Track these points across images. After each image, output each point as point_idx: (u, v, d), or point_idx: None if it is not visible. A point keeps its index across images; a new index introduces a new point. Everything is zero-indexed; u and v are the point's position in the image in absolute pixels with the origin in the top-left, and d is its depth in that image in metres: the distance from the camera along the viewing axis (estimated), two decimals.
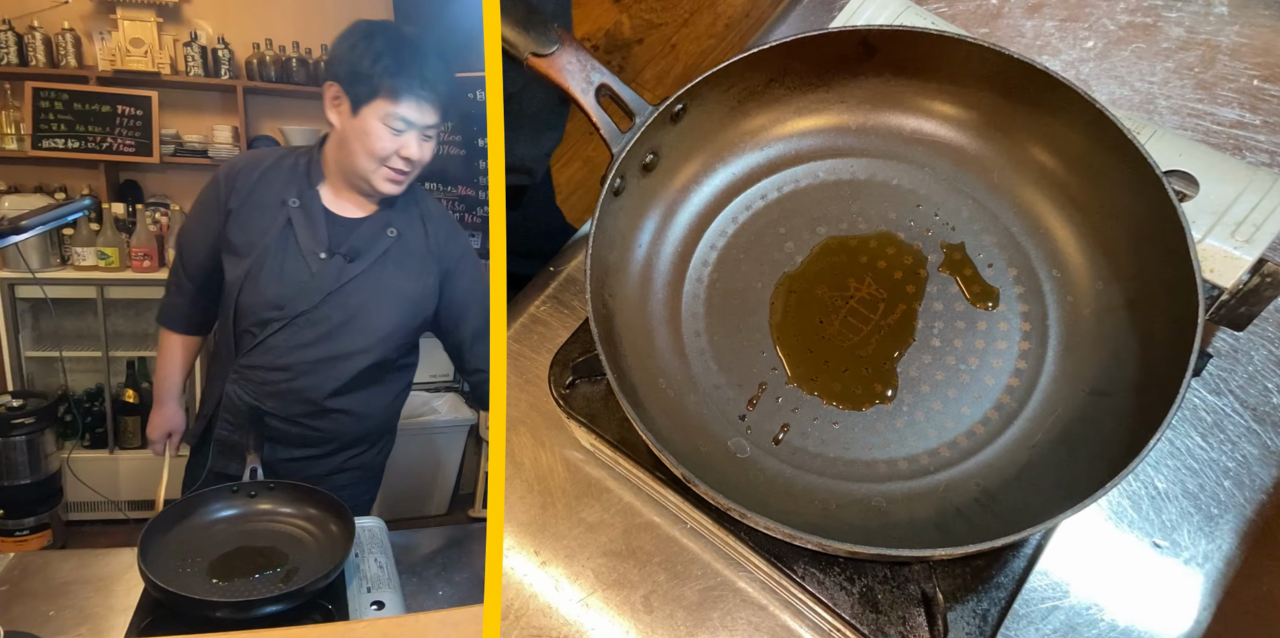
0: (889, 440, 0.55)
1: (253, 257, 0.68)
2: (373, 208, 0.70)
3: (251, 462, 0.68)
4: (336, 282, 0.69)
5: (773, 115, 0.62)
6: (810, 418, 0.56)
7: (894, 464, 0.55)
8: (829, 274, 0.59)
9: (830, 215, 0.61)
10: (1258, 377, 0.64)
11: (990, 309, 0.57)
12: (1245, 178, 0.58)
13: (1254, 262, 0.56)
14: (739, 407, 0.57)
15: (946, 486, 0.54)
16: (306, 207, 0.69)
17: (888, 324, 0.57)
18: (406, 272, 0.72)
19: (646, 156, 0.57)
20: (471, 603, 0.58)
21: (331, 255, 0.68)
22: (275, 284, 0.69)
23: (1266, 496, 0.60)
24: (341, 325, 0.71)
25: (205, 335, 0.75)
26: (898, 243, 0.59)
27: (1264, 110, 0.72)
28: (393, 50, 0.66)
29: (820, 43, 0.57)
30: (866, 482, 0.54)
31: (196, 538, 0.65)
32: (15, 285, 0.96)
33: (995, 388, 0.56)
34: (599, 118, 0.55)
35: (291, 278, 0.69)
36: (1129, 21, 0.76)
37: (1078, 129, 0.55)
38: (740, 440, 0.56)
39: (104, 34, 0.94)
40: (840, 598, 0.51)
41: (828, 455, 0.55)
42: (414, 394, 1.22)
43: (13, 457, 0.85)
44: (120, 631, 0.58)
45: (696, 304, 0.59)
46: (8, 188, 0.91)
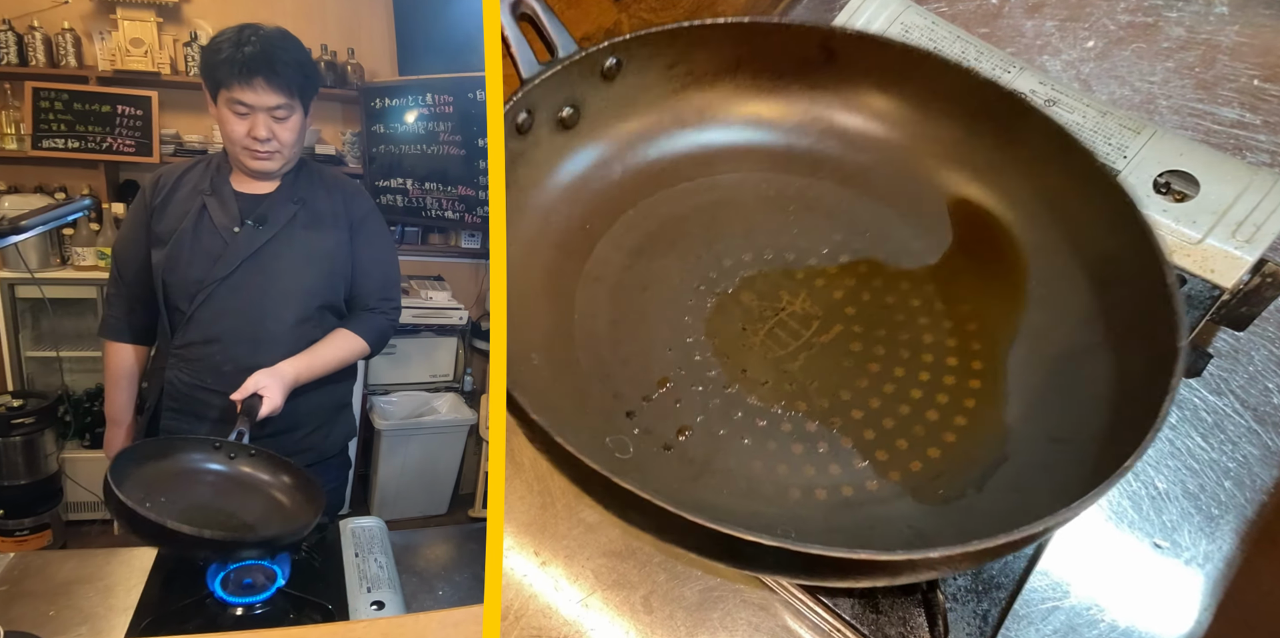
0: (808, 463, 0.51)
1: (172, 239, 0.74)
2: (276, 182, 0.77)
3: (240, 425, 0.69)
4: (250, 247, 0.75)
5: (717, 103, 0.57)
6: (716, 427, 0.51)
7: (810, 492, 0.50)
8: (760, 283, 0.55)
9: (769, 225, 0.57)
10: (1258, 377, 0.64)
11: (935, 343, 0.54)
12: (1246, 178, 0.58)
13: (1254, 262, 0.56)
14: (629, 402, 0.52)
15: (873, 524, 0.48)
16: (218, 190, 0.76)
17: (819, 343, 0.53)
18: (316, 231, 0.77)
19: (565, 109, 0.52)
20: (471, 603, 0.58)
21: (243, 225, 0.75)
22: (195, 258, 0.74)
23: (1267, 496, 0.60)
24: (261, 288, 0.75)
25: (151, 344, 0.78)
26: (842, 263, 0.56)
27: (1264, 110, 0.72)
28: (233, 43, 0.72)
29: (777, 35, 0.53)
30: (774, 506, 0.49)
31: (168, 479, 0.67)
32: (15, 285, 0.96)
33: (939, 424, 0.51)
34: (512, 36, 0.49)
35: (209, 250, 0.74)
36: (1129, 21, 0.76)
37: (1050, 160, 0.53)
38: (623, 439, 0.51)
39: (104, 34, 0.94)
40: (841, 599, 0.51)
41: (729, 469, 0.50)
42: (414, 394, 1.22)
43: (12, 457, 0.85)
44: (120, 631, 0.58)
45: (598, 287, 0.54)
46: (8, 188, 0.91)
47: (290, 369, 0.75)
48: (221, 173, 0.77)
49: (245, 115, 0.73)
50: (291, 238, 0.76)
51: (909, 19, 0.65)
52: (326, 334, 0.77)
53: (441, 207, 1.16)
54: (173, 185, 0.76)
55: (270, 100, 0.73)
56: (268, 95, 0.73)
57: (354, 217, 0.80)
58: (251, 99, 0.72)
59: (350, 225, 0.79)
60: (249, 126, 0.73)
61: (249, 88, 0.72)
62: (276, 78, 0.73)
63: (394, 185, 1.18)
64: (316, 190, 0.78)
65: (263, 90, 0.72)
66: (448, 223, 1.18)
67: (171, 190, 0.76)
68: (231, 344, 0.74)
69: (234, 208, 0.76)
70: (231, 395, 0.72)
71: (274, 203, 0.76)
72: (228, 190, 0.76)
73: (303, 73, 0.75)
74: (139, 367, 0.79)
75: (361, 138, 1.21)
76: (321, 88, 1.23)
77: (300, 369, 0.75)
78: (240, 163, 0.75)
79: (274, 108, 0.73)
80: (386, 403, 1.21)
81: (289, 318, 0.76)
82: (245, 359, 0.74)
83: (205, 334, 0.74)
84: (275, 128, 0.74)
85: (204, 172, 0.77)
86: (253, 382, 0.73)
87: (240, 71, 0.72)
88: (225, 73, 0.72)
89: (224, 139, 0.75)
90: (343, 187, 0.80)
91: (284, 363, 0.75)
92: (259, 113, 0.73)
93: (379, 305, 0.80)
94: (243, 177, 0.76)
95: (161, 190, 0.76)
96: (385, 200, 1.19)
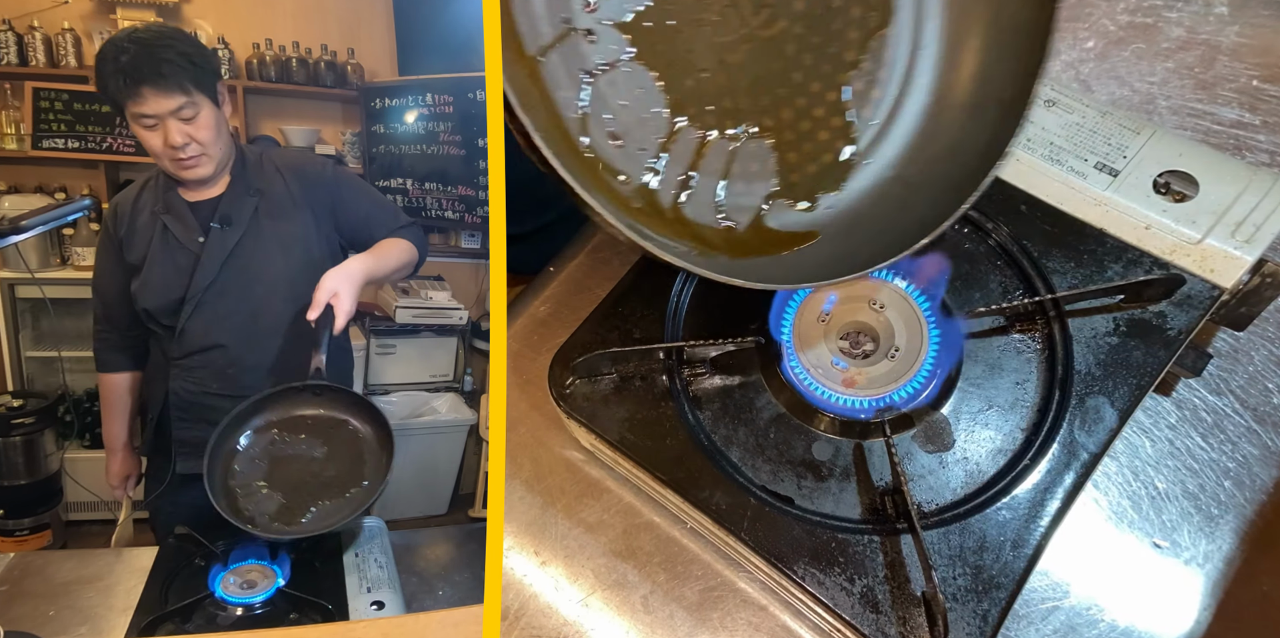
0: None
1: (145, 265, 0.73)
2: (225, 180, 0.74)
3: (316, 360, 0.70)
4: (224, 250, 0.73)
5: None
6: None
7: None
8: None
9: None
10: (1258, 377, 0.64)
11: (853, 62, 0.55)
12: (1245, 178, 0.58)
13: (1254, 262, 0.56)
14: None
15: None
16: (171, 206, 0.73)
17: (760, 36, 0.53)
18: (281, 220, 0.75)
19: None
20: (471, 603, 0.58)
21: (207, 232, 0.73)
22: (167, 276, 0.73)
23: (1267, 496, 0.60)
24: (247, 286, 0.73)
25: (145, 366, 0.78)
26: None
27: (1264, 110, 0.72)
28: (112, 57, 0.68)
29: None
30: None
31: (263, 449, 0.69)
32: (15, 285, 0.96)
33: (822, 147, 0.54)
34: None
35: (182, 266, 0.72)
36: (1129, 22, 0.77)
37: None
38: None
39: (104, 34, 0.93)
40: (840, 598, 0.51)
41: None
42: (414, 394, 1.23)
43: (12, 457, 0.85)
44: (120, 631, 0.58)
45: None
46: (8, 188, 0.91)
47: (360, 267, 0.73)
48: (170, 188, 0.74)
49: (154, 127, 0.69)
50: (259, 232, 0.74)
51: None
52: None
53: (441, 207, 1.16)
54: (131, 212, 0.74)
55: (167, 104, 0.69)
56: (161, 100, 0.69)
57: (319, 191, 0.77)
58: (148, 109, 0.69)
59: (316, 201, 0.76)
60: (162, 137, 0.70)
61: (140, 99, 0.68)
62: (162, 80, 0.68)
63: (394, 185, 1.18)
64: (270, 178, 0.76)
65: (153, 97, 0.68)
66: (448, 223, 1.18)
67: (132, 217, 0.74)
68: (232, 347, 0.73)
69: (191, 219, 0.73)
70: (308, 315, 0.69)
71: (231, 201, 0.74)
72: (180, 204, 0.74)
73: (191, 64, 0.70)
74: (135, 391, 0.78)
75: (361, 138, 1.21)
76: (322, 88, 1.23)
77: (370, 267, 0.73)
78: (174, 174, 0.72)
79: (176, 111, 0.69)
80: (386, 403, 1.21)
81: (285, 310, 0.74)
82: (248, 359, 0.73)
83: (203, 342, 0.73)
84: (187, 130, 0.70)
85: (154, 191, 0.74)
86: (324, 290, 0.70)
87: (125, 83, 0.68)
88: (114, 88, 0.68)
89: (151, 156, 0.72)
90: (295, 167, 0.77)
91: (353, 260, 0.73)
92: (165, 119, 0.69)
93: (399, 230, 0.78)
94: (190, 187, 0.73)
95: (123, 220, 0.74)
96: None
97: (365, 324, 1.07)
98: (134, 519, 0.81)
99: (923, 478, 0.55)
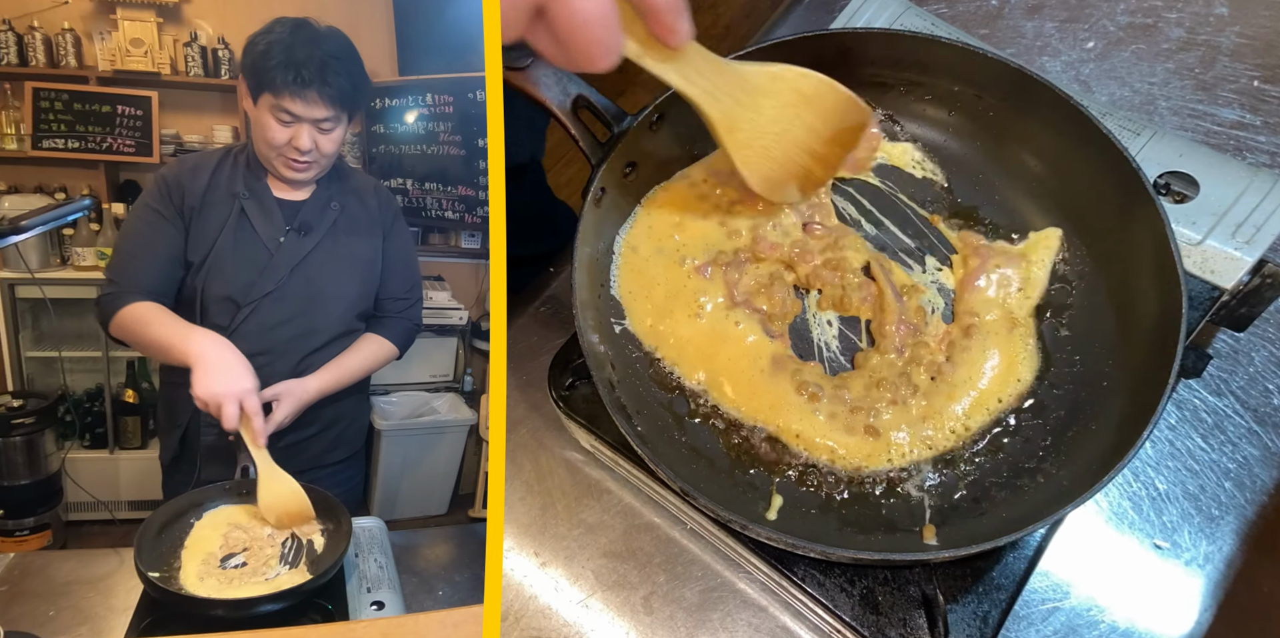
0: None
1: (212, 250, 0.70)
2: (311, 188, 0.74)
3: (243, 460, 0.67)
4: (296, 256, 0.72)
5: None
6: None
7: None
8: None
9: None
10: (1258, 378, 0.64)
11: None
12: (1246, 179, 0.58)
13: (1254, 263, 0.56)
14: None
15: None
16: (258, 196, 0.72)
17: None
18: (356, 237, 0.74)
19: (626, 169, 0.57)
20: (471, 603, 0.58)
21: (286, 234, 0.72)
22: (238, 271, 0.71)
23: (1267, 497, 0.60)
24: (308, 299, 0.72)
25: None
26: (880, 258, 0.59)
27: (1264, 111, 0.72)
28: (286, 45, 0.68)
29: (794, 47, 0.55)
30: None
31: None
32: (15, 285, 0.96)
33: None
34: (576, 130, 0.54)
35: (253, 262, 0.71)
36: (1129, 22, 0.76)
37: (1056, 127, 0.55)
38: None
39: (104, 34, 0.94)
40: (841, 600, 0.51)
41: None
42: (414, 394, 1.22)
43: (12, 457, 0.85)
44: (120, 631, 0.58)
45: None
46: (8, 188, 0.91)
47: (316, 386, 0.71)
48: (255, 174, 0.72)
49: (289, 124, 0.69)
50: (334, 245, 0.73)
51: (909, 20, 0.65)
52: (348, 338, 0.75)
53: (441, 207, 1.16)
54: (208, 186, 0.71)
55: (320, 113, 0.69)
56: (318, 108, 0.69)
57: (385, 219, 0.76)
58: (301, 110, 0.68)
59: (384, 229, 0.76)
60: (291, 136, 0.69)
61: (300, 99, 0.68)
62: (330, 90, 0.68)
63: (394, 185, 1.17)
64: (349, 195, 0.75)
65: (314, 103, 0.68)
66: (448, 223, 1.18)
67: (208, 191, 0.71)
68: (279, 357, 0.71)
69: (278, 216, 0.72)
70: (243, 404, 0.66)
71: (313, 209, 0.73)
72: (269, 196, 0.72)
73: (355, 84, 0.71)
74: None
75: (361, 138, 1.20)
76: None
77: (326, 385, 0.72)
78: (274, 169, 0.72)
79: (321, 120, 0.69)
80: (386, 403, 1.20)
81: (334, 328, 0.73)
82: (289, 374, 0.71)
83: (251, 349, 0.70)
84: (319, 139, 0.70)
85: (233, 171, 0.72)
86: (270, 391, 0.68)
87: (294, 80, 0.67)
88: (275, 78, 0.67)
89: (258, 142, 0.71)
90: (372, 188, 0.78)
91: (310, 378, 0.71)
92: (304, 123, 0.69)
93: (404, 307, 0.77)
94: (276, 180, 0.72)
95: (195, 193, 0.71)
96: None
97: None
98: (134, 520, 0.81)
99: None
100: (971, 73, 0.57)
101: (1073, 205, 0.57)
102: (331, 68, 0.69)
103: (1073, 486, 0.48)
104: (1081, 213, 0.57)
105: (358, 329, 0.76)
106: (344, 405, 0.77)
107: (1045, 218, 0.58)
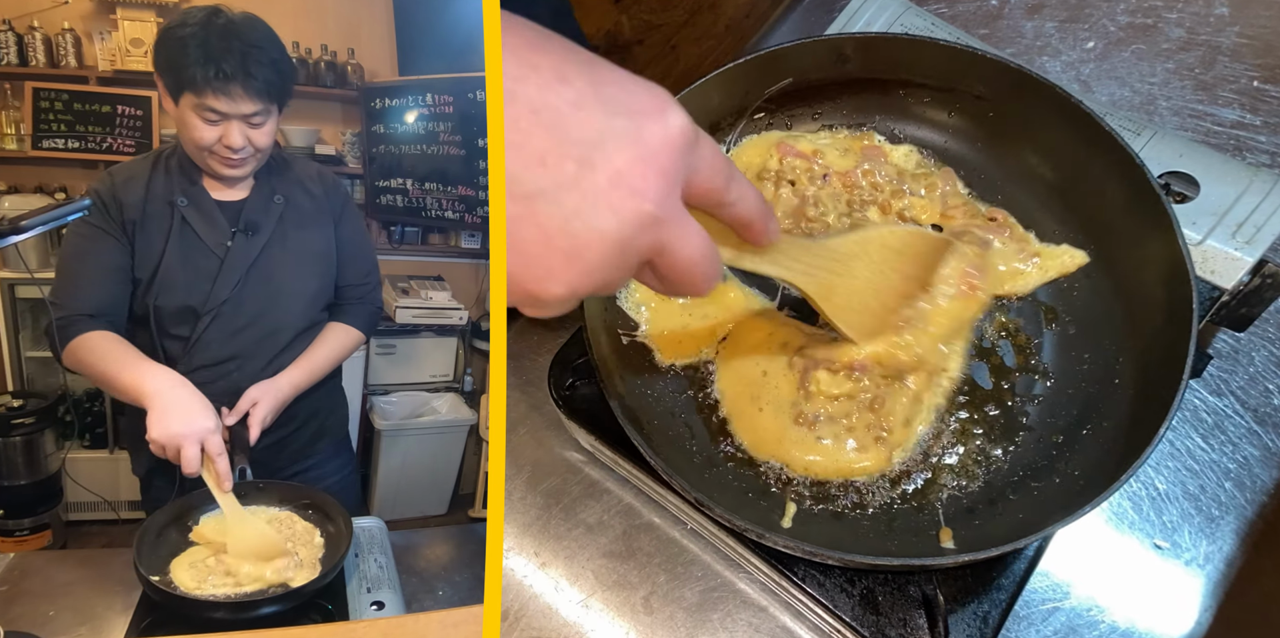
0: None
1: (160, 265, 0.67)
2: (250, 184, 0.70)
3: (239, 462, 0.66)
4: (247, 259, 0.69)
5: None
6: None
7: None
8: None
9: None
10: (1259, 378, 0.64)
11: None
12: (1246, 179, 0.58)
13: (1254, 263, 0.56)
14: None
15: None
16: (196, 201, 0.68)
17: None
18: (307, 230, 0.72)
19: None
20: (471, 603, 0.58)
21: (234, 236, 0.68)
22: (191, 282, 0.68)
23: (1267, 497, 0.60)
24: (268, 299, 0.70)
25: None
26: None
27: (1264, 111, 0.72)
28: (201, 39, 0.63)
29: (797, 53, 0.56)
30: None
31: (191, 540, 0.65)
32: (15, 285, 0.96)
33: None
34: None
35: (203, 271, 0.68)
36: (1129, 22, 0.76)
37: (1058, 127, 0.55)
38: None
39: (104, 34, 0.93)
40: (841, 600, 0.51)
41: None
42: (414, 394, 1.23)
43: (12, 457, 0.85)
44: (120, 631, 0.58)
45: None
46: (8, 188, 0.91)
47: (288, 382, 0.70)
48: (189, 177, 0.68)
49: (216, 123, 0.65)
50: (285, 242, 0.71)
51: (908, 20, 0.65)
52: (311, 332, 0.73)
53: (441, 207, 1.16)
54: (144, 197, 0.67)
55: (248, 107, 0.65)
56: (245, 103, 0.64)
57: (334, 207, 0.74)
58: (226, 107, 0.64)
59: (334, 217, 0.74)
60: (220, 134, 0.65)
61: (224, 95, 0.63)
62: (255, 82, 0.64)
63: (394, 185, 1.18)
64: (293, 185, 0.72)
65: (240, 98, 0.64)
66: (448, 223, 1.18)
67: (145, 203, 0.67)
68: (248, 360, 0.70)
69: (220, 220, 0.68)
70: (224, 421, 0.65)
71: (256, 207, 0.70)
72: (207, 200, 0.68)
73: (281, 73, 0.66)
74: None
75: (361, 138, 1.21)
76: (322, 88, 1.23)
77: (299, 381, 0.71)
78: (209, 168, 0.68)
79: (250, 115, 0.65)
80: (386, 403, 1.21)
81: (298, 325, 0.72)
82: (260, 375, 0.70)
83: (218, 356, 0.69)
84: (251, 134, 0.66)
85: (167, 177, 0.68)
86: (246, 398, 0.67)
87: (215, 75, 0.63)
88: (195, 75, 0.63)
89: (186, 143, 0.67)
90: (318, 177, 0.74)
91: (282, 376, 0.70)
92: (232, 120, 0.65)
93: (364, 292, 0.76)
94: (214, 181, 0.69)
95: (133, 205, 0.67)
96: (385, 200, 1.19)
97: None
98: (134, 520, 0.81)
99: None
100: (971, 74, 0.57)
101: (1077, 203, 0.57)
102: (253, 58, 0.64)
103: (1088, 484, 0.48)
104: (1087, 210, 0.57)
105: (321, 321, 0.74)
106: (319, 396, 0.76)
107: (1049, 216, 0.58)
